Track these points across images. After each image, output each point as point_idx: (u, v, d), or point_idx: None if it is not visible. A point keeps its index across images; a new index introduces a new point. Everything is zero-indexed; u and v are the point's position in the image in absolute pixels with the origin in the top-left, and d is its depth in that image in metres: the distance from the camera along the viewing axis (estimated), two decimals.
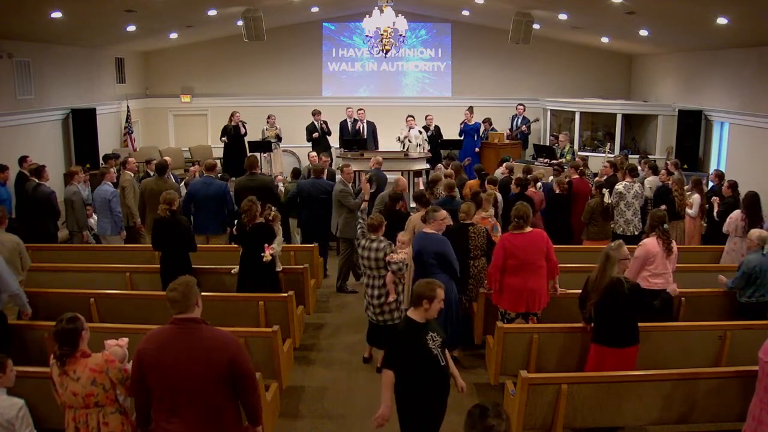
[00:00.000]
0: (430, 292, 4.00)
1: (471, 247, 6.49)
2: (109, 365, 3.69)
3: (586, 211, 8.48)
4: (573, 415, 4.74)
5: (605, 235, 8.44)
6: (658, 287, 5.94)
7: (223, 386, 3.46)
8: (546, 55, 15.50)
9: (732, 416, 4.88)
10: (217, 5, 11.03)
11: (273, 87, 15.73)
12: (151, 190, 8.57)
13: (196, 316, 3.51)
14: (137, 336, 5.38)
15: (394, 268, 5.91)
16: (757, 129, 10.39)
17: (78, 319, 3.75)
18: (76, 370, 3.66)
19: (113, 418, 3.74)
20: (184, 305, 3.48)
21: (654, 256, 5.94)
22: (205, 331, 3.50)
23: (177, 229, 6.69)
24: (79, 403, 3.68)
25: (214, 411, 3.45)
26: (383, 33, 10.78)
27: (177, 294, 3.47)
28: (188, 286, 3.51)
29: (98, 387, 3.66)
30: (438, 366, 3.97)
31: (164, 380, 3.41)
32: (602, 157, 12.58)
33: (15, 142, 9.94)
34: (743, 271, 6.07)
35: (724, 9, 8.50)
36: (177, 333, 3.46)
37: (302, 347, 6.83)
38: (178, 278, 3.59)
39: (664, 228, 5.94)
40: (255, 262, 6.48)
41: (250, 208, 6.53)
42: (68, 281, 7.00)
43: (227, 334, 3.58)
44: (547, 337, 5.57)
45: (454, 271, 5.99)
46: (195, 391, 3.40)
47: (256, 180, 8.60)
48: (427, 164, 12.51)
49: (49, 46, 10.93)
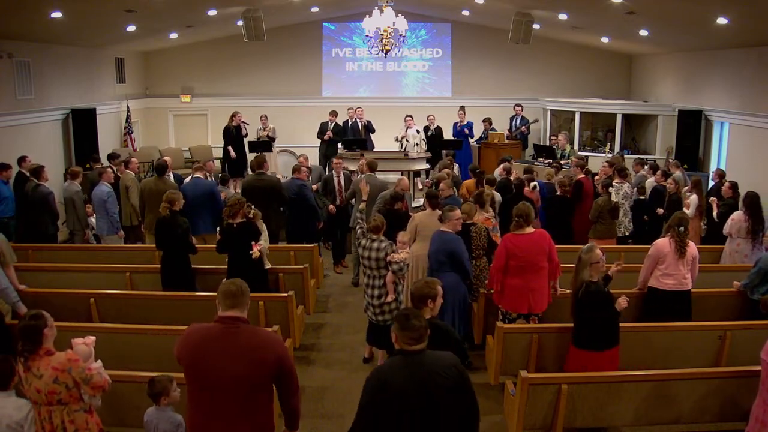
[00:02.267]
0: (433, 291, 4.06)
1: (473, 247, 6.51)
2: (72, 364, 3.70)
3: (594, 210, 8.48)
4: (573, 415, 4.74)
5: (612, 233, 8.46)
6: (668, 288, 5.96)
7: (266, 386, 3.44)
8: (546, 55, 15.49)
9: (732, 416, 4.89)
10: (217, 5, 11.03)
11: (273, 87, 15.73)
12: (151, 191, 8.57)
13: (244, 316, 3.45)
14: (138, 336, 5.42)
15: (395, 268, 5.91)
16: (757, 129, 10.39)
17: (42, 316, 3.76)
18: (39, 368, 3.67)
19: (78, 416, 3.76)
20: (239, 300, 3.41)
21: (665, 255, 5.95)
22: (251, 330, 3.45)
23: (176, 230, 6.69)
24: (42, 400, 3.71)
25: (255, 411, 3.40)
26: (383, 33, 10.77)
27: (235, 288, 3.43)
28: (246, 287, 3.49)
29: (61, 385, 3.67)
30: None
31: (207, 378, 3.33)
32: (602, 157, 12.59)
33: (15, 142, 9.94)
34: (760, 267, 6.12)
35: (724, 9, 8.50)
36: (222, 331, 3.38)
37: (302, 347, 6.83)
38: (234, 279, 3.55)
39: (680, 230, 5.92)
40: (242, 260, 6.44)
41: (233, 204, 6.46)
42: (68, 281, 6.99)
43: (273, 334, 3.58)
44: (547, 337, 5.57)
45: (465, 271, 6.06)
46: (241, 390, 3.33)
47: (264, 180, 8.48)
48: (428, 164, 12.51)
49: (49, 46, 10.93)
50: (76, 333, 4.31)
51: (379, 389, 3.19)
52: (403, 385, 3.15)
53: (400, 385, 3.15)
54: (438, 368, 3.19)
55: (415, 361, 3.20)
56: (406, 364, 3.20)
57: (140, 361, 5.03)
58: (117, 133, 13.88)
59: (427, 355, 3.25)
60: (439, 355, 3.30)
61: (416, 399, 3.14)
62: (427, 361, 3.21)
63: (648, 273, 6.10)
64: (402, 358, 3.23)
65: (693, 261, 6.03)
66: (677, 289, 5.96)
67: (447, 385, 3.18)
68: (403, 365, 3.21)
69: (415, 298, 4.10)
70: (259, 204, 7.34)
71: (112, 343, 5.27)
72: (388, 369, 3.25)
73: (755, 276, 6.14)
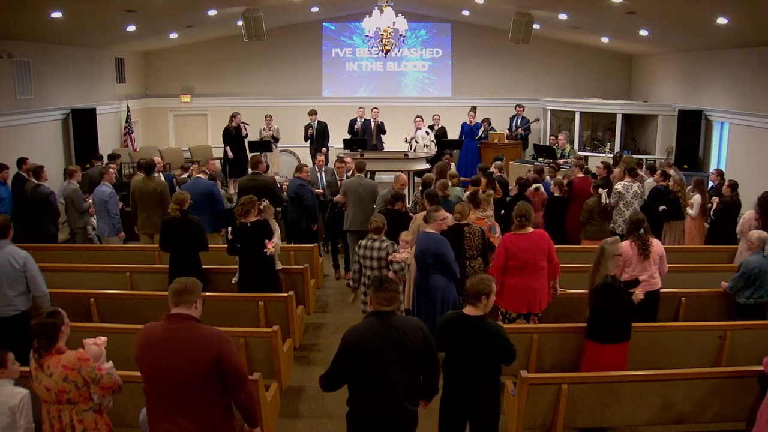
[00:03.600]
0: (487, 288, 4.07)
1: (467, 248, 6.50)
2: (82, 364, 3.70)
3: (584, 211, 8.50)
4: (573, 415, 4.74)
5: (603, 234, 8.44)
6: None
7: (212, 385, 3.42)
8: (546, 55, 15.50)
9: (732, 416, 4.89)
10: (217, 5, 11.03)
11: (273, 87, 15.73)
12: (141, 191, 8.54)
13: (191, 314, 3.50)
14: (136, 336, 5.41)
15: (396, 267, 5.90)
16: (757, 129, 10.39)
17: (59, 313, 3.79)
18: (49, 366, 3.68)
19: (87, 416, 3.77)
20: (186, 297, 3.48)
21: (629, 258, 5.95)
22: (193, 328, 3.48)
23: (190, 229, 6.65)
24: (51, 399, 3.72)
25: (203, 408, 3.41)
26: (383, 33, 10.77)
27: (180, 285, 3.50)
28: (195, 284, 3.56)
29: (70, 384, 3.68)
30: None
31: (155, 379, 3.42)
32: (602, 157, 12.58)
33: (15, 142, 9.94)
34: (742, 271, 6.08)
35: (724, 9, 8.50)
36: (165, 330, 3.46)
37: (302, 347, 6.83)
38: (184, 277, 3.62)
39: (640, 233, 5.95)
40: (255, 260, 6.45)
41: (245, 203, 6.49)
42: (68, 281, 6.99)
43: (216, 331, 3.54)
44: (547, 337, 5.57)
45: (452, 273, 5.98)
46: (184, 390, 3.38)
47: (258, 180, 8.54)
48: (428, 164, 12.52)
49: (49, 46, 10.93)
50: (76, 333, 4.31)
51: (354, 344, 3.66)
52: (377, 340, 3.61)
53: (375, 341, 3.62)
54: (407, 329, 3.68)
55: (387, 321, 3.68)
56: (380, 324, 3.67)
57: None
58: (117, 133, 13.89)
59: (397, 316, 3.78)
60: (406, 318, 3.98)
61: (388, 352, 3.62)
62: (397, 321, 3.72)
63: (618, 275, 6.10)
64: (376, 318, 3.70)
65: (660, 259, 6.05)
66: (645, 289, 5.92)
67: (414, 342, 3.66)
68: (377, 324, 3.67)
69: (470, 294, 4.10)
70: None
71: (112, 343, 5.23)
72: (364, 327, 3.72)
73: (739, 280, 6.11)
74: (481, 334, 4.03)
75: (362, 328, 3.71)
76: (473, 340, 4.04)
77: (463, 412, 4.19)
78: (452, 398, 4.18)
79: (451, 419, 4.24)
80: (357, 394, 3.74)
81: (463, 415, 4.21)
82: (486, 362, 4.06)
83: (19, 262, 5.29)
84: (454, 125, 14.19)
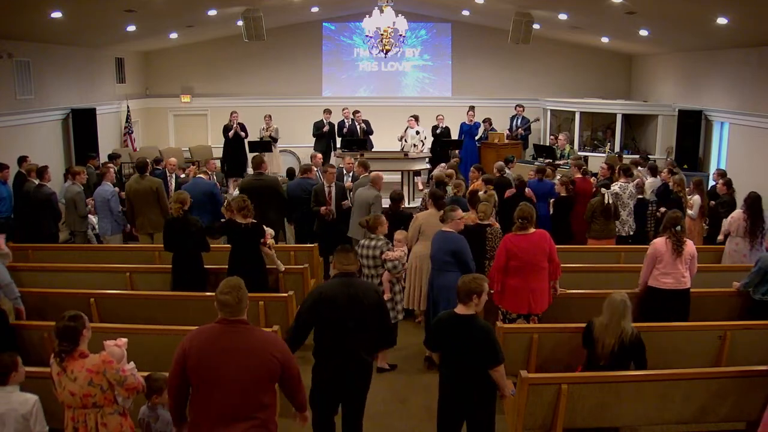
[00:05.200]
0: (479, 288, 4.12)
1: (488, 248, 6.49)
2: (107, 366, 3.68)
3: (588, 210, 8.50)
4: (573, 415, 4.73)
5: (608, 233, 8.46)
6: (667, 287, 5.97)
7: (272, 385, 3.49)
8: (546, 55, 15.49)
9: (732, 416, 4.89)
10: (217, 5, 11.03)
11: (273, 87, 15.73)
12: (136, 191, 8.51)
13: (245, 318, 3.50)
14: (136, 336, 5.42)
15: (389, 266, 5.91)
16: (757, 129, 10.39)
17: (81, 317, 3.76)
18: (73, 370, 3.66)
19: (112, 419, 3.74)
20: (238, 309, 3.44)
21: (662, 255, 5.96)
22: (255, 331, 3.50)
23: (190, 228, 6.65)
24: (76, 403, 3.68)
25: (263, 409, 3.44)
26: (383, 33, 10.77)
27: (231, 298, 3.42)
28: (241, 290, 3.48)
29: (95, 388, 3.66)
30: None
31: (214, 380, 3.35)
32: (602, 157, 12.59)
33: (15, 142, 9.94)
34: (759, 267, 6.11)
35: (724, 9, 8.49)
36: (227, 333, 3.42)
37: (302, 347, 6.80)
38: (228, 281, 3.53)
39: (677, 230, 5.95)
40: (245, 260, 6.45)
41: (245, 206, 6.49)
42: (68, 281, 6.97)
43: (274, 334, 3.65)
44: (547, 337, 5.56)
45: (469, 270, 5.98)
46: (248, 390, 3.37)
47: (263, 180, 8.44)
48: (428, 164, 12.51)
49: (49, 46, 10.93)
50: None
51: (319, 300, 4.20)
52: (340, 295, 4.18)
53: (338, 295, 4.18)
54: (364, 290, 4.29)
55: (349, 281, 4.26)
56: (342, 283, 4.24)
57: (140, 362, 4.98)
58: (117, 133, 13.89)
59: (357, 279, 4.41)
60: (364, 281, 4.67)
61: (348, 306, 4.17)
62: (357, 282, 4.35)
63: (647, 273, 6.12)
64: (339, 279, 4.28)
65: (691, 259, 6.05)
66: (676, 288, 5.97)
67: (370, 301, 4.25)
68: (340, 283, 4.25)
69: (461, 293, 4.14)
70: (258, 204, 7.33)
71: None
72: (329, 286, 4.31)
73: (755, 275, 6.14)
74: (472, 333, 4.08)
75: (328, 285, 4.34)
76: (464, 338, 4.10)
77: (459, 411, 4.22)
78: (447, 397, 4.24)
79: (447, 418, 4.29)
80: (320, 343, 4.28)
81: (458, 414, 4.24)
82: (477, 361, 4.09)
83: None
84: (453, 125, 14.17)
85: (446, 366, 4.25)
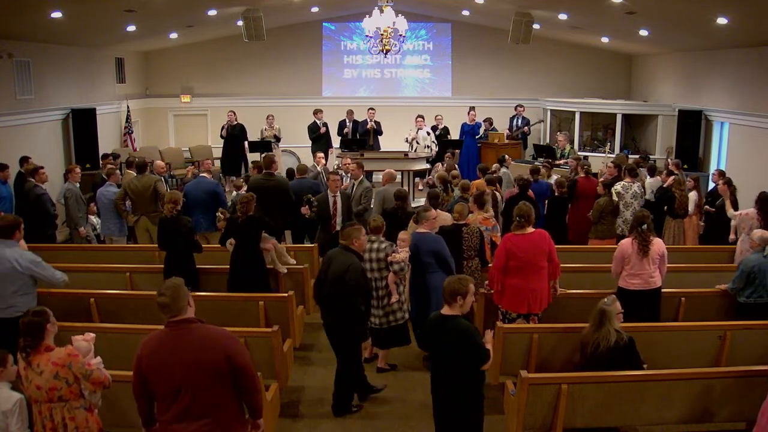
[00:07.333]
0: (464, 289, 4.13)
1: (464, 248, 6.50)
2: (72, 359, 3.71)
3: (595, 210, 8.49)
4: (573, 415, 4.74)
5: (612, 233, 8.46)
6: (634, 287, 5.93)
7: (223, 383, 3.45)
8: (546, 55, 15.49)
9: (732, 416, 4.90)
10: (217, 5, 11.03)
11: (273, 87, 15.73)
12: (135, 188, 8.51)
13: (190, 316, 3.51)
14: (138, 336, 5.41)
15: (396, 268, 5.90)
16: (757, 129, 10.38)
17: (45, 312, 3.80)
18: (39, 364, 3.69)
19: (78, 413, 3.78)
20: (175, 308, 3.47)
21: (629, 256, 5.93)
22: (199, 329, 3.49)
23: (180, 229, 6.67)
24: (43, 397, 3.72)
25: (216, 408, 3.45)
26: (383, 33, 10.77)
27: (166, 299, 3.46)
28: (176, 289, 3.49)
29: (61, 381, 3.69)
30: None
31: (165, 382, 3.42)
32: (602, 156, 12.58)
33: (15, 142, 9.93)
34: (742, 270, 6.07)
35: (724, 9, 8.49)
36: (171, 335, 3.47)
37: (302, 347, 6.83)
38: (166, 282, 3.57)
39: (643, 229, 5.88)
40: (246, 257, 6.46)
41: (248, 201, 6.57)
42: (68, 281, 6.97)
43: (222, 330, 3.57)
44: (547, 337, 5.57)
45: (450, 269, 6.01)
46: (196, 390, 3.40)
47: (273, 180, 8.31)
48: (428, 164, 12.51)
49: (49, 46, 10.92)
50: (76, 333, 4.31)
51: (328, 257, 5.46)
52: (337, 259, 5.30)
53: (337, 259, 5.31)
54: (351, 261, 5.26)
55: (348, 251, 5.33)
56: (343, 250, 5.35)
57: None
58: (117, 133, 13.88)
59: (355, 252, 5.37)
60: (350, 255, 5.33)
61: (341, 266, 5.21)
62: (353, 254, 5.35)
63: (616, 274, 6.08)
64: (341, 248, 5.37)
65: (660, 258, 5.98)
66: (643, 289, 5.92)
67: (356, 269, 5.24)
68: (341, 251, 5.36)
69: (446, 294, 4.16)
70: (267, 204, 7.31)
71: (112, 343, 5.28)
72: (335, 250, 5.43)
73: (738, 279, 6.09)
74: (454, 334, 4.12)
75: (334, 251, 5.43)
76: (448, 339, 4.15)
77: (449, 410, 4.27)
78: (438, 396, 4.32)
79: (441, 417, 4.36)
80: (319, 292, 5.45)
81: (449, 412, 4.28)
82: (459, 361, 4.13)
83: (22, 264, 5.27)
84: (454, 125, 14.18)
85: (435, 365, 4.38)
